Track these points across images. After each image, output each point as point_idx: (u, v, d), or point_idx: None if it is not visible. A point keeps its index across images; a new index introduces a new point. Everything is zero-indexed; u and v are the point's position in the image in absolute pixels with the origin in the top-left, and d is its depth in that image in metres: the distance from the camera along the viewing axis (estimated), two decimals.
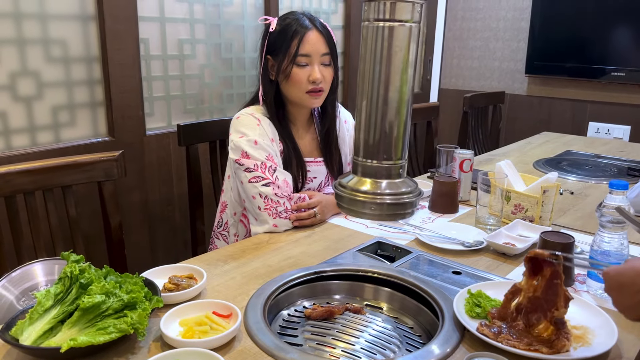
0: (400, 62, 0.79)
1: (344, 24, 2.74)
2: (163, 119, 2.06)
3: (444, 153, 1.68)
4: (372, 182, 0.84)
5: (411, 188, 0.85)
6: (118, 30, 1.82)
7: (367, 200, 0.83)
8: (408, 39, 0.78)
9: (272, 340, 0.89)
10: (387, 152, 0.82)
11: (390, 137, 0.82)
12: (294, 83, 1.42)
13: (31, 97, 1.70)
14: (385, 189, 0.83)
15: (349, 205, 0.85)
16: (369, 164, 0.84)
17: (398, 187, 0.84)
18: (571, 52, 3.04)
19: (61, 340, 0.81)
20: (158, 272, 1.08)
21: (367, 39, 0.80)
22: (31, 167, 1.30)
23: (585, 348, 0.87)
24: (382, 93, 0.80)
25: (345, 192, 0.86)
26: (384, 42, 0.78)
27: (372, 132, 0.82)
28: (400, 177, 0.85)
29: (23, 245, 1.32)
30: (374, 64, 0.80)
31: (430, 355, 0.86)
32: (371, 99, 0.81)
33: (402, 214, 0.85)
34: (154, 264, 1.11)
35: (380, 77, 0.80)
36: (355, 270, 1.15)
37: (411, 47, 0.79)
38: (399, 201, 0.84)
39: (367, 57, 0.80)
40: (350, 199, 0.85)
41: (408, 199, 0.84)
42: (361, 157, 0.84)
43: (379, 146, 0.82)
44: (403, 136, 0.83)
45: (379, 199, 0.83)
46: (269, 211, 1.37)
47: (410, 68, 0.80)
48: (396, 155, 0.83)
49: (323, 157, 1.57)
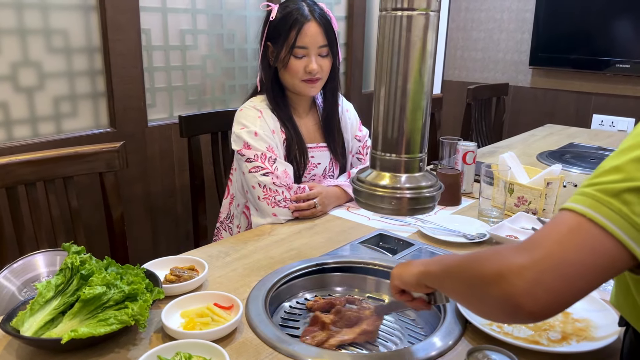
0: (419, 52, 0.76)
1: (347, 15, 2.72)
2: (165, 110, 2.05)
3: (447, 145, 1.67)
4: (392, 177, 0.82)
5: (431, 182, 0.83)
6: (119, 20, 1.80)
7: (386, 194, 0.81)
8: (427, 28, 0.76)
9: (273, 332, 0.89)
10: (407, 146, 0.80)
11: (410, 130, 0.80)
12: (291, 72, 1.43)
13: (32, 87, 1.69)
14: (405, 183, 0.81)
15: (367, 200, 0.83)
16: (388, 158, 0.82)
17: (418, 181, 0.82)
18: (576, 43, 3.02)
19: (62, 331, 0.81)
20: (159, 264, 1.08)
21: (385, 29, 0.77)
22: (32, 157, 1.30)
23: (587, 341, 0.86)
24: (400, 85, 0.78)
25: (363, 187, 0.83)
26: (402, 32, 0.76)
27: (391, 124, 0.80)
28: (420, 170, 0.83)
29: (24, 236, 1.32)
30: (392, 55, 0.77)
31: (432, 348, 0.85)
32: (389, 91, 0.79)
33: (422, 208, 0.83)
34: (156, 256, 1.11)
35: (398, 68, 0.77)
36: (357, 263, 1.14)
37: (430, 36, 0.77)
38: (420, 195, 0.81)
39: (385, 47, 0.78)
40: (369, 194, 0.82)
41: (429, 194, 0.82)
42: (379, 151, 0.82)
43: (398, 139, 0.80)
44: (423, 129, 0.81)
45: (398, 194, 0.81)
46: (267, 200, 1.38)
47: (429, 58, 0.78)
48: (416, 149, 0.81)
49: (326, 141, 1.56)
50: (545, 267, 0.55)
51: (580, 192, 0.58)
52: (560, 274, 0.55)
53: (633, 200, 0.54)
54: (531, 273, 0.55)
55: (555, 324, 0.92)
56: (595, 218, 0.55)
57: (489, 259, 0.60)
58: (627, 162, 0.56)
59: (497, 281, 0.57)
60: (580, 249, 0.55)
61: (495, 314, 0.62)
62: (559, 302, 0.56)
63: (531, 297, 0.55)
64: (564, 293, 0.55)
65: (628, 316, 0.70)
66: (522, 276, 0.55)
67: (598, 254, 0.55)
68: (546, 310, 0.56)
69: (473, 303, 0.65)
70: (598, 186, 0.57)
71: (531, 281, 0.55)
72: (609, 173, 0.57)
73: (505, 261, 0.58)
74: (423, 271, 0.74)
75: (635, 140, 0.57)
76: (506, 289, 0.56)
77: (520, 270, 0.56)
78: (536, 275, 0.55)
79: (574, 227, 0.56)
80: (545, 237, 0.58)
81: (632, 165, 0.55)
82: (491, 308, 0.60)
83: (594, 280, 0.56)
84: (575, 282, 0.55)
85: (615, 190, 0.55)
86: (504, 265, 0.57)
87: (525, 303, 0.55)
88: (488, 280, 0.59)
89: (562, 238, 0.56)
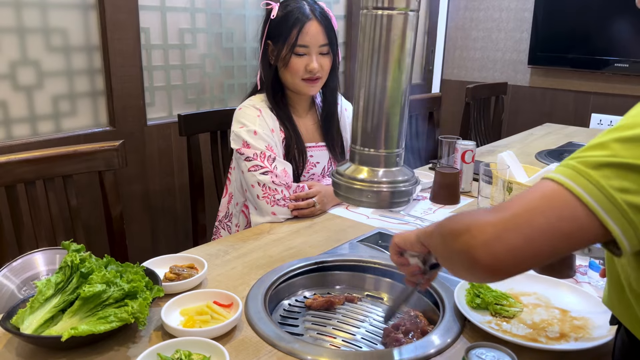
0: (397, 51, 0.78)
1: (346, 14, 2.73)
2: (164, 109, 2.05)
3: (445, 144, 1.67)
4: (369, 170, 0.84)
5: (408, 176, 0.86)
6: (119, 19, 1.80)
7: (364, 188, 0.83)
8: (406, 27, 0.78)
9: (272, 330, 0.89)
10: (384, 141, 0.82)
11: (388, 126, 0.82)
12: (291, 71, 1.43)
13: (31, 86, 1.69)
14: (382, 177, 0.84)
15: (346, 193, 0.86)
16: (366, 152, 0.84)
17: (395, 175, 0.84)
18: (574, 43, 3.02)
19: (62, 329, 0.82)
20: (159, 262, 1.08)
21: (366, 27, 0.80)
22: (32, 156, 1.30)
23: (586, 339, 0.87)
24: (379, 82, 0.80)
25: (342, 180, 0.86)
26: (382, 31, 0.78)
27: (370, 120, 0.82)
28: (397, 165, 0.85)
29: (24, 234, 1.32)
30: (372, 53, 0.79)
31: (431, 346, 0.86)
32: (369, 88, 0.81)
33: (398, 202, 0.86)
34: (155, 255, 1.11)
35: (378, 65, 0.79)
36: (356, 261, 1.15)
37: (409, 35, 0.79)
38: (395, 189, 0.84)
39: (365, 45, 0.80)
40: (348, 187, 0.85)
41: (404, 187, 0.85)
42: (359, 146, 0.85)
43: (376, 134, 0.82)
44: (400, 125, 0.83)
45: (375, 187, 0.83)
46: (267, 199, 1.38)
47: (408, 57, 0.80)
48: (393, 144, 0.84)
49: (325, 140, 1.57)
50: (509, 225, 0.56)
51: (562, 164, 0.59)
52: (523, 234, 0.56)
53: (612, 174, 0.55)
54: (493, 229, 0.57)
55: (554, 322, 0.92)
56: (571, 187, 0.56)
57: (464, 216, 0.63)
58: (613, 140, 0.56)
59: (463, 234, 0.60)
60: (548, 214, 0.56)
61: (458, 267, 0.64)
62: (516, 261, 0.57)
63: (488, 250, 0.56)
64: (523, 253, 0.56)
65: (621, 316, 0.70)
66: (484, 231, 0.57)
67: (566, 220, 0.55)
68: (502, 266, 0.57)
69: (444, 256, 0.68)
70: (580, 159, 0.57)
71: (491, 236, 0.57)
72: (594, 148, 0.57)
73: (474, 217, 0.60)
74: (422, 230, 0.78)
75: (626, 121, 0.58)
76: (467, 241, 0.58)
77: (484, 226, 0.58)
78: (498, 231, 0.57)
79: (547, 194, 0.57)
80: (517, 200, 0.59)
81: (617, 144, 0.56)
82: (455, 262, 0.63)
83: (557, 245, 0.56)
84: (537, 244, 0.56)
85: (596, 163, 0.56)
86: (473, 220, 0.60)
87: (481, 256, 0.57)
88: (456, 233, 0.61)
89: (533, 202, 0.57)
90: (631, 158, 0.54)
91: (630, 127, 0.56)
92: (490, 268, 0.57)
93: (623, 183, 0.54)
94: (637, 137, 0.55)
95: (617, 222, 0.55)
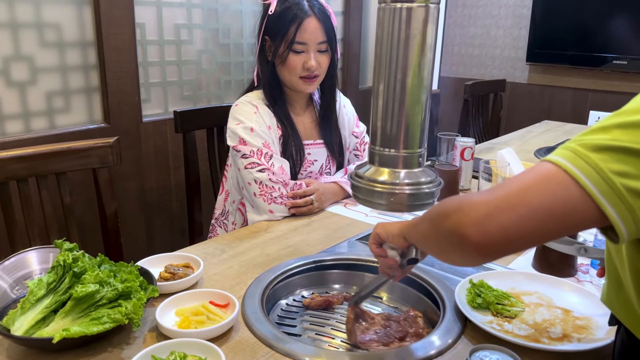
0: (418, 46, 0.75)
1: (344, 10, 2.70)
2: (160, 106, 2.03)
3: (444, 141, 1.65)
4: (390, 172, 0.81)
5: (431, 178, 0.83)
6: (114, 14, 1.78)
7: (385, 190, 0.80)
8: (427, 20, 0.75)
9: (270, 331, 0.87)
10: (406, 141, 0.79)
11: (409, 125, 0.79)
12: (289, 68, 1.41)
13: (25, 82, 1.67)
14: (404, 179, 0.80)
15: (366, 196, 0.82)
16: (387, 153, 0.80)
17: (417, 176, 0.81)
18: (573, 40, 3.01)
19: (54, 330, 0.80)
20: (154, 261, 1.07)
21: (384, 22, 0.76)
22: (24, 153, 1.28)
23: (589, 339, 0.85)
24: (400, 78, 0.77)
25: (361, 183, 0.82)
26: (401, 25, 0.75)
27: (390, 119, 0.79)
28: (419, 166, 0.82)
29: (16, 232, 1.30)
30: (391, 48, 0.76)
31: (431, 347, 0.84)
32: (388, 85, 0.78)
33: (421, 204, 0.82)
34: (151, 253, 1.09)
35: (397, 61, 0.76)
36: (354, 260, 1.13)
37: (430, 29, 0.76)
38: (419, 191, 0.81)
39: (384, 40, 0.77)
40: (367, 190, 0.81)
41: (428, 189, 0.81)
42: (378, 146, 0.81)
43: (398, 134, 0.79)
44: (422, 123, 0.80)
45: (397, 189, 0.80)
46: (264, 197, 1.36)
47: (429, 52, 0.77)
48: (415, 144, 0.80)
49: (323, 138, 1.55)
50: (503, 204, 0.55)
51: (562, 146, 0.58)
52: (516, 213, 0.54)
53: (612, 158, 0.54)
54: (486, 207, 0.56)
55: (556, 322, 0.91)
56: (568, 168, 0.55)
57: (454, 198, 0.62)
58: (615, 125, 0.55)
59: (453, 212, 0.58)
60: (544, 194, 0.55)
61: (447, 248, 0.63)
62: (508, 240, 0.56)
63: (480, 228, 0.55)
64: (516, 232, 0.55)
65: (619, 314, 0.69)
66: (476, 209, 0.56)
67: (561, 202, 0.54)
68: (493, 245, 0.56)
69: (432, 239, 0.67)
70: (580, 142, 0.56)
71: (484, 214, 0.56)
72: (595, 132, 0.56)
73: (466, 197, 0.59)
74: (406, 223, 0.77)
75: (630, 105, 0.57)
76: (458, 218, 0.57)
77: (477, 204, 0.57)
78: (491, 209, 0.55)
79: (543, 174, 0.56)
80: (512, 180, 0.58)
81: (619, 130, 0.55)
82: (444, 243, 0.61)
83: (550, 227, 0.55)
84: (530, 224, 0.55)
85: (596, 146, 0.55)
86: (464, 199, 0.59)
87: (472, 233, 0.56)
88: (446, 213, 0.60)
89: (528, 182, 0.56)
90: (632, 142, 0.53)
91: (633, 112, 0.55)
92: (481, 246, 0.56)
93: (622, 167, 0.53)
94: (638, 123, 0.54)
95: (614, 206, 0.53)
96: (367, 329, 0.93)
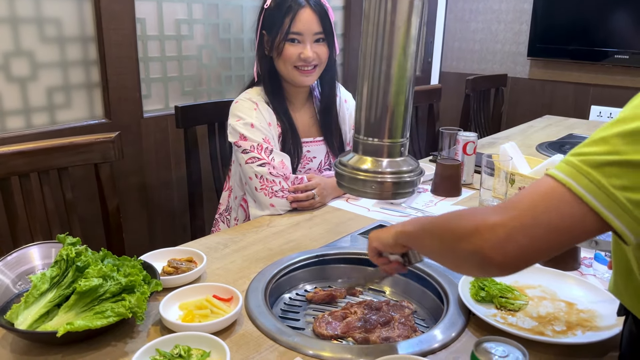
0: (403, 37, 0.77)
1: (344, 5, 2.69)
2: (160, 101, 2.03)
3: (447, 136, 1.65)
4: (373, 161, 0.83)
5: (412, 167, 0.84)
6: (114, 9, 1.77)
7: (367, 178, 0.82)
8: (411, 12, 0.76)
9: (273, 324, 0.87)
10: (389, 130, 0.81)
11: (392, 115, 0.80)
12: (284, 58, 1.41)
13: (25, 77, 1.66)
14: (386, 167, 0.82)
15: (350, 184, 0.85)
16: (370, 142, 0.82)
17: (399, 165, 0.83)
18: (574, 34, 3.00)
19: (57, 324, 0.79)
20: (157, 255, 1.06)
21: (369, 14, 0.78)
22: (26, 148, 1.27)
23: (592, 332, 0.85)
24: (384, 69, 0.78)
25: (345, 171, 0.84)
26: (386, 17, 0.76)
27: (374, 109, 0.81)
28: (401, 155, 0.84)
29: (18, 228, 1.30)
30: (376, 40, 0.78)
31: (435, 340, 0.84)
32: (373, 76, 0.79)
33: (403, 192, 0.85)
34: (153, 249, 1.09)
35: (382, 52, 0.78)
36: (357, 254, 1.13)
37: (414, 21, 0.77)
38: (400, 180, 0.83)
39: (369, 32, 0.79)
40: (351, 178, 0.84)
41: (409, 178, 0.83)
42: (362, 135, 0.83)
43: (380, 124, 0.81)
44: (405, 114, 0.82)
45: (379, 178, 0.82)
46: (265, 191, 1.36)
47: (413, 44, 0.78)
48: (398, 134, 0.82)
49: (323, 135, 1.54)
50: (517, 225, 0.59)
51: (564, 161, 0.60)
52: (529, 233, 0.59)
53: (613, 173, 0.56)
54: (504, 230, 0.60)
55: (560, 314, 0.91)
56: (572, 186, 0.57)
57: (466, 217, 0.65)
58: (614, 135, 0.57)
59: (472, 235, 0.62)
60: (551, 212, 0.58)
61: (467, 266, 0.66)
62: (525, 258, 0.60)
63: (501, 251, 0.60)
64: (530, 250, 0.59)
65: (628, 303, 0.70)
66: (495, 232, 0.60)
67: (568, 218, 0.58)
68: (514, 264, 0.61)
69: (447, 257, 0.70)
70: (581, 157, 0.58)
71: (503, 237, 0.60)
72: (595, 144, 0.58)
73: (481, 218, 0.62)
74: (400, 231, 0.78)
75: (627, 112, 0.58)
76: (479, 243, 0.61)
77: (494, 227, 0.60)
78: (508, 231, 0.59)
79: (548, 192, 0.59)
80: (521, 199, 0.61)
81: (618, 139, 0.56)
82: (464, 261, 0.65)
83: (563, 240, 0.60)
84: (544, 242, 0.59)
85: (597, 162, 0.57)
86: (481, 222, 0.62)
87: (495, 256, 0.60)
88: (463, 235, 0.63)
89: (535, 201, 0.60)
90: (632, 154, 0.55)
91: (632, 119, 0.57)
92: (502, 265, 0.61)
93: (624, 181, 0.55)
94: (637, 131, 0.55)
95: (619, 218, 0.56)
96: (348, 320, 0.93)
